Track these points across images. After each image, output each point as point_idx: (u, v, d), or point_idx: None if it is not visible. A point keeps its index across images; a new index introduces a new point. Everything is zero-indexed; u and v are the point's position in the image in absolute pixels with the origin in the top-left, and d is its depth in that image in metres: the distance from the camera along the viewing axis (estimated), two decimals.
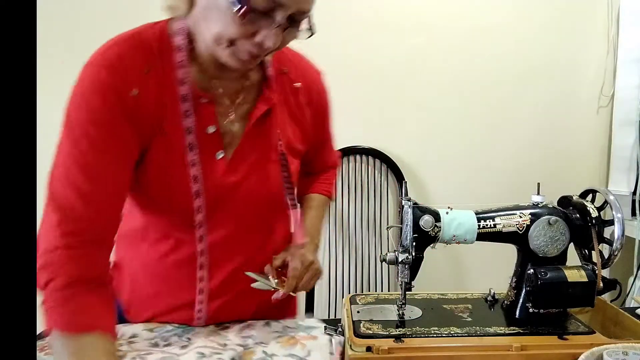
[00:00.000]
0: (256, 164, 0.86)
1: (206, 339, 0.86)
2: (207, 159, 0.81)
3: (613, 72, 1.96)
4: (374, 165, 1.95)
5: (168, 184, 0.80)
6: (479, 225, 0.87)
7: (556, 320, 0.86)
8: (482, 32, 1.92)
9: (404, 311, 0.88)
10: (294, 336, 0.89)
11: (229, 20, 0.68)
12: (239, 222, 0.87)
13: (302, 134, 0.94)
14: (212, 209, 0.83)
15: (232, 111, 0.83)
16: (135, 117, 0.75)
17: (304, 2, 0.70)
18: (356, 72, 1.90)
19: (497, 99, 1.97)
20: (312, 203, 1.04)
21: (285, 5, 0.68)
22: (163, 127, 0.78)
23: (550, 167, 2.00)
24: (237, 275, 0.88)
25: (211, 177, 0.81)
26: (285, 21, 0.69)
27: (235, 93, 0.84)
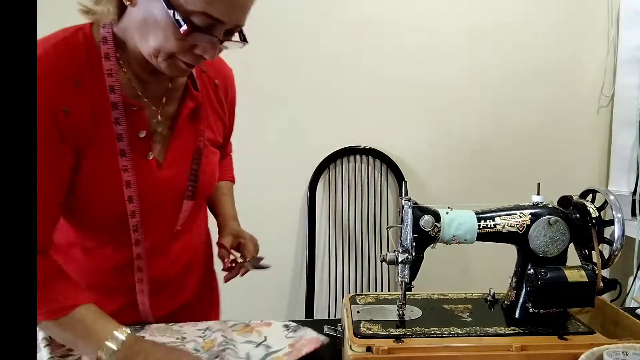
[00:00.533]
0: (185, 160, 0.89)
1: (163, 336, 0.88)
2: (139, 161, 0.83)
3: (613, 72, 1.96)
4: (374, 165, 1.95)
5: (103, 191, 0.81)
6: (479, 225, 0.87)
7: (556, 321, 0.86)
8: (482, 33, 1.93)
9: (404, 311, 0.88)
10: (248, 324, 0.93)
11: (169, 36, 0.71)
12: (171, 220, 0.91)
13: (223, 127, 1.00)
14: (146, 212, 0.85)
15: (159, 113, 0.86)
16: (68, 132, 0.76)
17: (240, 19, 0.74)
18: (356, 72, 1.90)
19: (497, 99, 1.97)
20: (224, 190, 1.14)
21: (223, 22, 0.72)
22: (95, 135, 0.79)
23: (550, 167, 2.00)
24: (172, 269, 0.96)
25: (143, 178, 0.83)
26: (221, 36, 0.74)
27: (160, 96, 0.86)
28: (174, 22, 0.69)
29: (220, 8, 0.70)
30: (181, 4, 0.69)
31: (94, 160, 0.79)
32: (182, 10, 0.69)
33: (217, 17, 0.71)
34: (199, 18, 0.70)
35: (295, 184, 1.93)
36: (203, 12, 0.69)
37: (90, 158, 0.79)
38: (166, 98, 0.87)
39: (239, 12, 0.74)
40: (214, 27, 0.72)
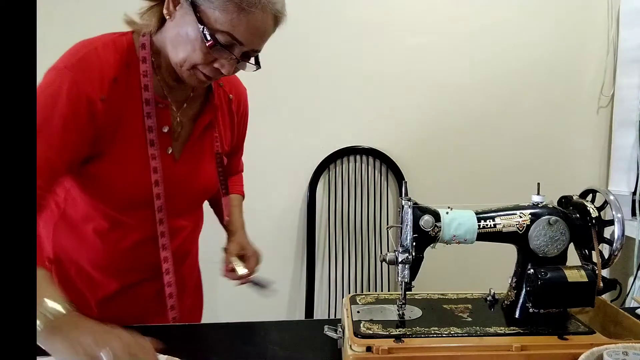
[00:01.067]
0: (199, 160, 1.01)
1: None
2: (160, 153, 0.94)
3: (613, 72, 1.96)
4: (374, 165, 1.95)
5: (130, 175, 0.92)
6: (479, 225, 0.87)
7: (556, 320, 0.86)
8: (482, 32, 1.93)
9: (404, 311, 0.88)
10: None
11: (196, 49, 0.84)
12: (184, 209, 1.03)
13: (231, 137, 1.11)
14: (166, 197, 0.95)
15: (179, 115, 0.98)
16: (99, 118, 0.86)
17: (257, 43, 0.88)
18: (356, 72, 1.90)
19: (497, 99, 1.97)
20: (235, 202, 1.24)
21: (243, 44, 0.85)
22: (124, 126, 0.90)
23: (550, 167, 2.00)
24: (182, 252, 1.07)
25: (163, 169, 0.94)
26: (239, 55, 0.86)
27: (182, 101, 0.99)
28: (202, 36, 0.82)
29: (242, 31, 0.83)
30: (210, 22, 0.82)
31: (121, 148, 0.90)
32: (210, 28, 0.82)
33: (238, 39, 0.83)
34: (223, 36, 0.82)
35: (295, 184, 1.93)
36: (227, 32, 0.82)
37: (118, 146, 0.90)
38: (187, 103, 0.99)
39: (258, 38, 0.86)
40: (234, 46, 0.84)
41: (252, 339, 0.95)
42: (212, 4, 0.81)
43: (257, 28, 0.84)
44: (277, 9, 0.86)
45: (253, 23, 0.83)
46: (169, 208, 0.97)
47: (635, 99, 1.81)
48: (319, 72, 1.89)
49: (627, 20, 1.87)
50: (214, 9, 0.81)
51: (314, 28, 1.87)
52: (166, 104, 0.94)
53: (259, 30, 0.85)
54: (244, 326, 1.02)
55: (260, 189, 1.92)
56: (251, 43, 0.85)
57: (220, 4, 0.80)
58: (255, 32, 0.84)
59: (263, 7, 0.83)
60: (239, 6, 0.80)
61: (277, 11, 0.86)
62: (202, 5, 0.82)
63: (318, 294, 1.95)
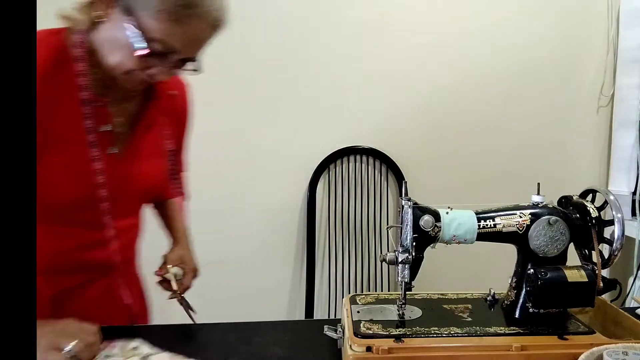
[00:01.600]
0: (144, 158, 0.98)
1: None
2: (103, 153, 0.91)
3: (613, 72, 1.96)
4: (374, 165, 1.95)
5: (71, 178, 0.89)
6: (479, 225, 0.87)
7: (556, 320, 0.86)
8: (483, 32, 1.92)
9: (404, 311, 0.88)
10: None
11: (130, 54, 0.80)
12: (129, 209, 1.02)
13: (174, 134, 1.07)
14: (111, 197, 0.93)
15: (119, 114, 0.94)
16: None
17: (194, 51, 0.84)
18: (356, 72, 1.90)
19: (497, 99, 1.97)
20: (177, 207, 1.21)
21: (179, 52, 0.81)
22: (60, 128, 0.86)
23: (550, 167, 2.00)
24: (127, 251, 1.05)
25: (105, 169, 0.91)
26: (176, 62, 0.83)
27: (122, 98, 0.94)
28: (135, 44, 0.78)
29: (177, 40, 0.80)
30: (145, 29, 0.78)
31: (60, 150, 0.87)
32: (144, 35, 0.78)
33: (173, 47, 0.80)
34: (157, 44, 0.79)
35: (295, 184, 1.93)
36: (162, 40, 0.79)
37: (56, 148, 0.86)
38: (127, 101, 0.95)
39: (195, 46, 0.83)
40: (169, 54, 0.81)
41: (252, 339, 0.95)
42: (147, 11, 0.77)
43: (193, 37, 0.81)
44: (215, 17, 0.82)
45: (189, 32, 0.80)
46: (114, 208, 0.95)
47: (635, 99, 1.80)
48: (319, 72, 1.89)
49: (627, 20, 1.87)
50: (149, 17, 0.77)
51: (314, 28, 1.87)
52: (105, 102, 0.90)
53: (196, 39, 0.82)
54: (244, 326, 1.02)
55: (260, 189, 1.92)
56: (188, 51, 0.83)
57: (154, 12, 0.77)
58: (191, 41, 0.82)
59: (199, 16, 0.79)
60: (174, 16, 0.77)
61: (215, 19, 0.82)
62: (136, 12, 0.78)
63: (318, 294, 1.95)
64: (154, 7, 0.77)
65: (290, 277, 1.98)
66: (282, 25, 1.85)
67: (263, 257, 1.95)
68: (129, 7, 0.78)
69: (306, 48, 1.88)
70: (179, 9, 0.77)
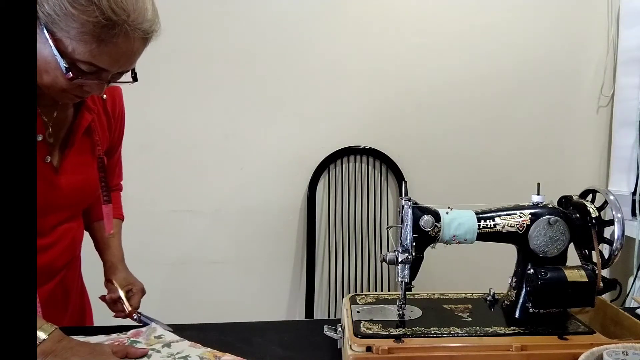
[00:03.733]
0: (81, 166, 0.96)
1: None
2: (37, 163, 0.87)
3: (613, 72, 1.96)
4: (374, 165, 1.95)
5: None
6: (479, 225, 0.87)
7: (556, 320, 0.86)
8: (482, 32, 1.92)
9: (404, 311, 0.88)
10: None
11: (58, 77, 0.76)
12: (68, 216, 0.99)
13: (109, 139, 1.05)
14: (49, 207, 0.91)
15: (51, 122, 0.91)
16: None
17: (125, 66, 0.80)
18: (356, 72, 1.90)
19: (497, 99, 1.97)
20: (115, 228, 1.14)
21: (108, 70, 0.78)
22: None
23: (550, 167, 2.00)
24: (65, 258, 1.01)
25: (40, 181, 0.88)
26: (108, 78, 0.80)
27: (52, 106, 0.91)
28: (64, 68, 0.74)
29: (105, 60, 0.75)
30: (69, 52, 0.73)
31: None
32: (69, 58, 0.74)
33: (102, 67, 0.76)
34: (85, 66, 0.75)
35: (295, 184, 1.93)
36: (89, 62, 0.75)
37: None
38: (58, 110, 0.91)
39: (125, 63, 0.79)
40: (100, 72, 0.77)
41: (252, 339, 0.95)
42: (68, 33, 0.72)
43: (121, 54, 0.76)
44: (144, 30, 0.76)
45: (116, 51, 0.75)
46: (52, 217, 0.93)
47: (635, 99, 1.80)
48: (318, 72, 1.89)
49: (627, 20, 1.87)
50: (71, 38, 0.72)
51: (314, 28, 1.87)
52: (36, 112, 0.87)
53: (125, 56, 0.77)
54: (244, 326, 1.02)
55: (260, 189, 1.92)
56: (118, 68, 0.79)
57: (76, 34, 0.72)
58: (120, 59, 0.77)
59: (126, 33, 0.74)
60: (98, 38, 0.72)
61: (144, 32, 0.77)
62: (57, 34, 0.72)
63: (318, 294, 1.95)
64: (74, 28, 0.72)
65: (290, 277, 1.98)
66: (282, 25, 1.85)
67: (263, 257, 1.94)
68: (50, 29, 0.73)
69: (306, 48, 1.88)
70: (102, 30, 0.72)
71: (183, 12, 1.76)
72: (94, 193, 1.00)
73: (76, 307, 1.10)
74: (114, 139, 1.07)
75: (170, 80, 1.81)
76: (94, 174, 0.98)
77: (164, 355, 0.85)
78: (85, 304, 1.16)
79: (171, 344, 0.89)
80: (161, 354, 0.86)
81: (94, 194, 1.00)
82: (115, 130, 1.06)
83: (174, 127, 1.85)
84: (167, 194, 1.87)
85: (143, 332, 0.94)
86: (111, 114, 1.03)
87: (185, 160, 1.87)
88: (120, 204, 1.20)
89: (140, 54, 0.80)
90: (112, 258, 1.11)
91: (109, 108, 1.02)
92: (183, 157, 1.87)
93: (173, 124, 1.85)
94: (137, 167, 1.18)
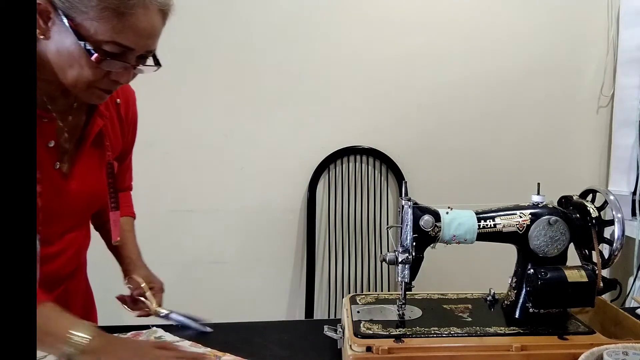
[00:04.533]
0: (90, 172, 0.94)
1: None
2: (47, 170, 0.86)
3: (613, 72, 1.96)
4: (374, 165, 1.95)
5: None
6: (479, 225, 0.87)
7: (556, 320, 0.86)
8: (482, 32, 1.92)
9: (404, 311, 0.88)
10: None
11: (84, 67, 0.75)
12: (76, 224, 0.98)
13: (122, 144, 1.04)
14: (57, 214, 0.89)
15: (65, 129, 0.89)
16: None
17: (150, 45, 0.79)
18: (356, 72, 1.90)
19: (497, 99, 1.97)
20: (127, 227, 1.14)
21: (134, 49, 0.77)
22: None
23: (550, 167, 2.00)
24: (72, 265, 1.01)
25: (50, 187, 0.87)
26: (135, 61, 0.79)
27: (67, 111, 0.90)
28: (85, 52, 0.74)
29: (129, 37, 0.75)
30: (91, 35, 0.73)
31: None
32: (92, 41, 0.73)
33: (126, 45, 0.75)
34: (110, 46, 0.74)
35: (295, 184, 1.93)
36: (112, 41, 0.74)
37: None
38: (72, 115, 0.90)
39: (148, 39, 0.78)
40: (125, 53, 0.77)
41: (252, 339, 0.95)
42: (88, 14, 0.72)
43: (143, 29, 0.76)
44: (160, 2, 0.77)
45: (137, 25, 0.75)
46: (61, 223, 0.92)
47: (635, 99, 1.80)
48: (319, 72, 1.89)
49: (627, 20, 1.87)
50: (91, 19, 0.72)
51: (314, 28, 1.87)
52: (51, 117, 0.85)
53: (147, 31, 0.77)
54: (244, 326, 1.02)
55: (260, 189, 1.92)
56: (143, 46, 0.78)
57: (96, 13, 0.72)
58: (143, 33, 0.76)
59: (144, 5, 0.74)
60: (117, 11, 0.72)
61: (161, 4, 0.77)
62: (76, 18, 0.72)
63: (318, 294, 1.95)
64: (93, 7, 0.72)
65: (290, 277, 1.98)
66: (283, 25, 1.85)
67: (263, 257, 1.95)
68: (69, 15, 0.73)
69: (306, 48, 1.88)
70: (121, 2, 0.72)
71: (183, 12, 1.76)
72: (102, 199, 0.98)
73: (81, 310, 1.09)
74: (126, 144, 1.06)
75: (170, 80, 1.81)
76: (103, 180, 0.96)
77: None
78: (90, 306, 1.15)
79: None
80: None
81: (102, 200, 0.98)
82: (127, 134, 1.04)
83: (174, 127, 1.85)
84: (167, 194, 1.87)
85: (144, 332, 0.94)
86: (124, 119, 1.01)
87: (185, 160, 1.87)
88: (131, 202, 1.19)
89: (160, 31, 0.80)
90: (131, 254, 1.10)
91: (122, 113, 1.00)
92: (183, 157, 1.87)
93: (173, 124, 1.85)
94: (137, 167, 1.18)
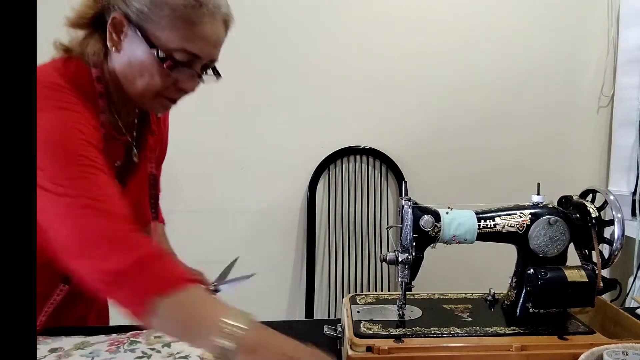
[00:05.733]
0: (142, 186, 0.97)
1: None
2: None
3: (613, 72, 1.96)
4: (374, 165, 1.95)
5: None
6: (479, 225, 0.87)
7: (556, 320, 0.86)
8: (482, 32, 1.92)
9: (404, 311, 0.88)
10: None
11: (154, 75, 0.80)
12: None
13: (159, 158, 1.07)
14: None
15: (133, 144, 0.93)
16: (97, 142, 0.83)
17: (214, 54, 0.85)
18: (356, 72, 1.90)
19: (497, 99, 1.97)
20: (161, 231, 1.19)
21: (201, 57, 0.82)
22: None
23: (550, 167, 2.00)
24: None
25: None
26: (200, 69, 0.84)
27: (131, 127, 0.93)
28: (157, 59, 0.78)
29: (197, 45, 0.80)
30: (162, 43, 0.78)
31: None
32: (163, 49, 0.78)
33: (194, 53, 0.80)
34: (179, 54, 0.79)
35: (295, 184, 1.93)
36: (182, 48, 0.79)
37: None
38: (136, 131, 0.94)
39: (214, 48, 0.84)
40: (192, 62, 0.82)
41: None
42: (159, 24, 0.77)
43: (210, 37, 0.81)
44: (224, 13, 0.83)
45: (204, 33, 0.80)
46: None
47: (635, 99, 1.80)
48: (319, 72, 1.89)
49: (627, 20, 1.87)
50: (163, 29, 0.78)
51: (314, 28, 1.87)
52: (124, 140, 0.90)
53: (213, 39, 0.82)
54: None
55: (260, 189, 1.92)
56: (208, 54, 0.83)
57: (168, 22, 0.77)
58: (210, 42, 0.82)
59: (212, 14, 0.80)
60: (188, 20, 0.78)
61: (225, 15, 0.83)
62: (149, 29, 0.78)
63: (318, 294, 1.95)
64: (165, 16, 0.77)
65: (290, 277, 1.98)
66: (283, 25, 1.85)
67: (263, 257, 1.94)
68: (140, 27, 0.78)
69: (306, 48, 1.88)
70: (192, 11, 0.77)
71: None
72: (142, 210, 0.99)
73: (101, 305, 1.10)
74: (161, 155, 1.09)
75: None
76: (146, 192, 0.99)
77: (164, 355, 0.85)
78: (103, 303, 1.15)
79: (171, 344, 0.89)
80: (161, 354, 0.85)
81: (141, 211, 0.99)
82: (164, 147, 1.09)
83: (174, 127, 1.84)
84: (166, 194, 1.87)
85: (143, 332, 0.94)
86: (164, 132, 1.06)
87: (186, 160, 1.87)
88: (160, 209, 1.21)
89: (223, 41, 0.85)
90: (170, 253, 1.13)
91: (161, 126, 1.05)
92: (183, 156, 1.87)
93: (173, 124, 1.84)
94: None
